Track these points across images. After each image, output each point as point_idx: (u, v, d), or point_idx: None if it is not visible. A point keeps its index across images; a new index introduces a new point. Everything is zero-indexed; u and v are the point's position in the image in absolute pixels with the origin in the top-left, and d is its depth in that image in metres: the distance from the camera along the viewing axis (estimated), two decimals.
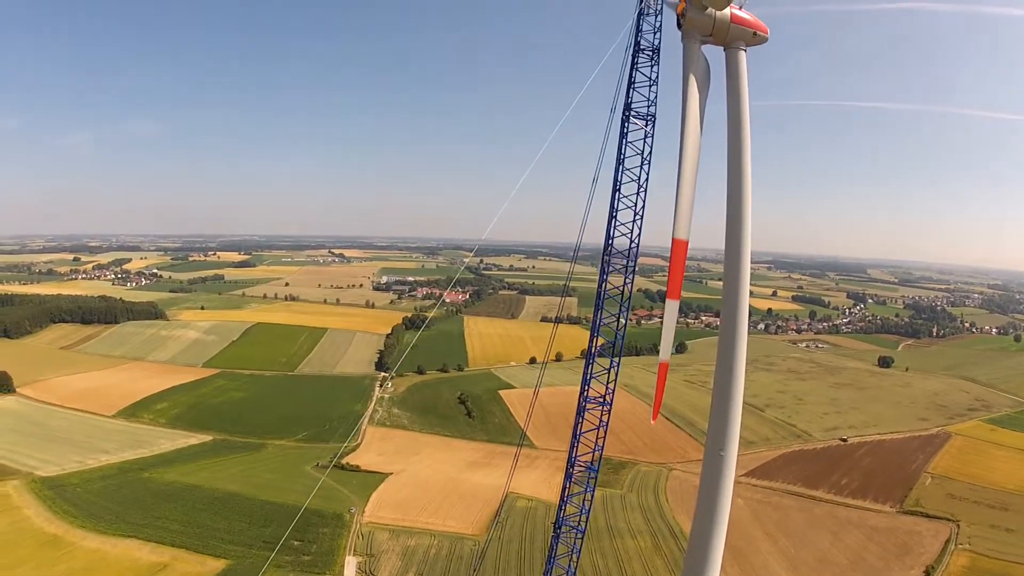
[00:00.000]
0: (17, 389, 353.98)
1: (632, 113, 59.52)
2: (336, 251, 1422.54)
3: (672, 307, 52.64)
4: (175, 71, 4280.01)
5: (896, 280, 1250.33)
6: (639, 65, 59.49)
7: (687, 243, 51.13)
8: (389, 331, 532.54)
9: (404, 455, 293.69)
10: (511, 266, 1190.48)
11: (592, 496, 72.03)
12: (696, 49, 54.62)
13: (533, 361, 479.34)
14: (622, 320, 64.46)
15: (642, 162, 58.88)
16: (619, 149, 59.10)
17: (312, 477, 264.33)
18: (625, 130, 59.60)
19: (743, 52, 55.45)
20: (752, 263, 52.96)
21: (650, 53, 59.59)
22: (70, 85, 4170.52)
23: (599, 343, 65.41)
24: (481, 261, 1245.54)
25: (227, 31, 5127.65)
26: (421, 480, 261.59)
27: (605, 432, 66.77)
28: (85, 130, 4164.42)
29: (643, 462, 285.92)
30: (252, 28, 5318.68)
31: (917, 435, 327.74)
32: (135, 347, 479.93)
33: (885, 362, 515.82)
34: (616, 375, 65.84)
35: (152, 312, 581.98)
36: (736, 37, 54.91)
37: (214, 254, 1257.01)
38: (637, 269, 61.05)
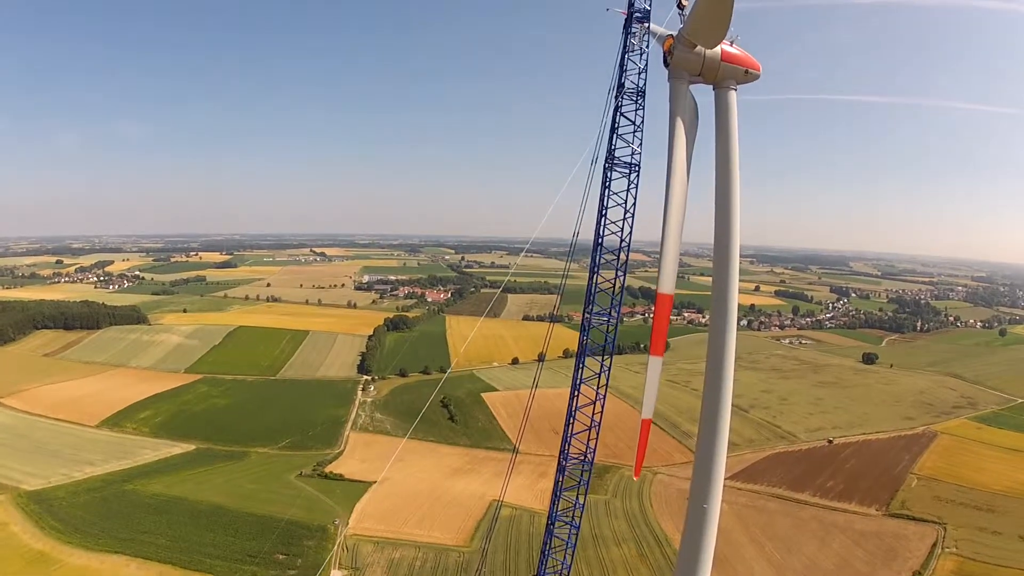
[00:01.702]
0: (1, 400, 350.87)
1: (615, 161, 56.85)
2: (318, 250, 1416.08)
3: (655, 364, 50.91)
4: (157, 70, 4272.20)
5: (879, 273, 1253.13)
6: (623, 108, 56.77)
7: (672, 297, 50.03)
8: (371, 333, 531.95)
9: (387, 462, 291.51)
10: (492, 263, 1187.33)
11: (574, 551, 71.17)
12: (684, 90, 52.55)
13: (515, 362, 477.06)
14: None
15: (624, 214, 56.68)
16: (601, 200, 56.78)
17: (296, 487, 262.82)
18: (607, 180, 57.03)
19: (734, 92, 53.18)
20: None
21: (635, 95, 56.80)
22: (53, 86, 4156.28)
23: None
24: (462, 258, 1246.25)
25: (207, 29, 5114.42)
26: (405, 489, 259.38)
27: (587, 488, 65.82)
28: (69, 131, 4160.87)
29: (627, 466, 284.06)
30: (232, 26, 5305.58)
31: (903, 434, 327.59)
32: (118, 353, 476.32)
33: (869, 359, 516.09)
34: (597, 435, 64.83)
35: (134, 316, 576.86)
36: (727, 76, 52.72)
37: (196, 255, 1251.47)
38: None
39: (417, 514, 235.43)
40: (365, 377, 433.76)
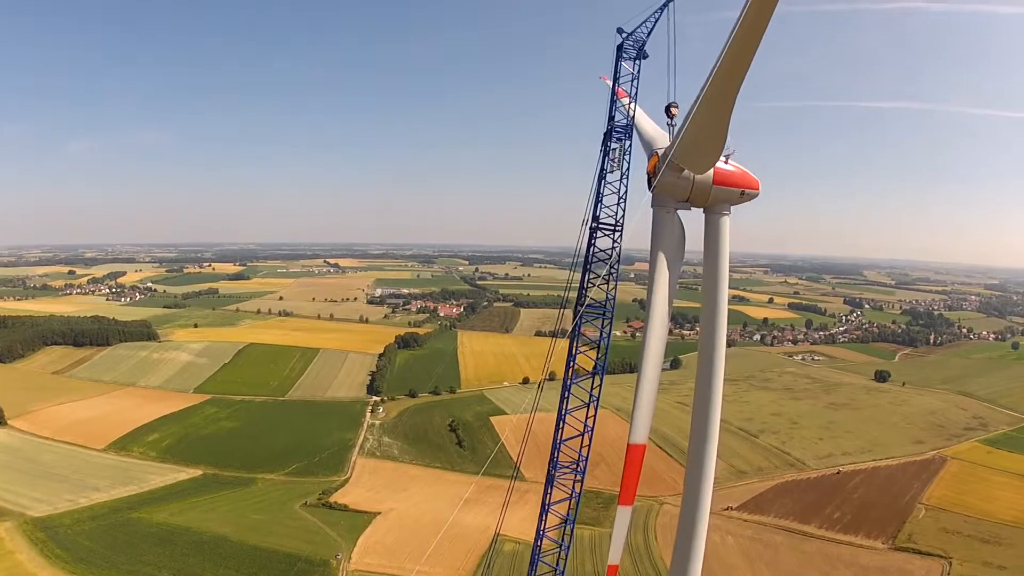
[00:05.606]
0: (9, 421, 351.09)
1: (587, 304, 52.66)
2: (331, 261, 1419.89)
3: (624, 514, 48.81)
4: (171, 78, 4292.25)
5: (893, 282, 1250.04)
6: (596, 242, 52.21)
7: (644, 447, 45.97)
8: (382, 351, 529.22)
9: (393, 490, 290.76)
10: (506, 275, 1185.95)
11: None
12: (668, 219, 45.97)
13: (526, 381, 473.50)
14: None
15: (598, 352, 54.71)
16: (570, 347, 54.45)
17: (300, 517, 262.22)
18: (577, 326, 53.16)
19: (727, 216, 45.68)
20: (749, 267, 49.30)
21: (611, 231, 52.01)
22: (67, 93, 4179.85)
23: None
24: (476, 270, 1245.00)
25: (222, 37, 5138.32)
26: (409, 521, 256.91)
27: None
28: (82, 139, 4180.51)
29: (636, 497, 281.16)
30: (247, 33, 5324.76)
31: (912, 460, 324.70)
32: (126, 371, 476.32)
33: (881, 376, 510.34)
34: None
35: (144, 333, 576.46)
36: (720, 200, 45.19)
37: (209, 266, 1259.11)
38: (631, 275, 54.03)
39: (420, 549, 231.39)
40: (374, 398, 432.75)
